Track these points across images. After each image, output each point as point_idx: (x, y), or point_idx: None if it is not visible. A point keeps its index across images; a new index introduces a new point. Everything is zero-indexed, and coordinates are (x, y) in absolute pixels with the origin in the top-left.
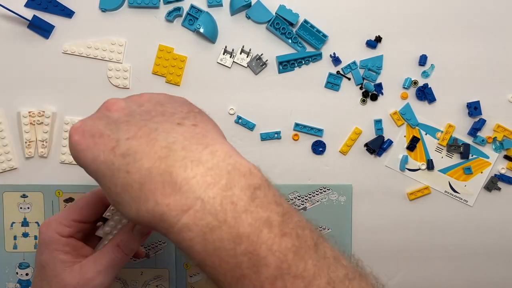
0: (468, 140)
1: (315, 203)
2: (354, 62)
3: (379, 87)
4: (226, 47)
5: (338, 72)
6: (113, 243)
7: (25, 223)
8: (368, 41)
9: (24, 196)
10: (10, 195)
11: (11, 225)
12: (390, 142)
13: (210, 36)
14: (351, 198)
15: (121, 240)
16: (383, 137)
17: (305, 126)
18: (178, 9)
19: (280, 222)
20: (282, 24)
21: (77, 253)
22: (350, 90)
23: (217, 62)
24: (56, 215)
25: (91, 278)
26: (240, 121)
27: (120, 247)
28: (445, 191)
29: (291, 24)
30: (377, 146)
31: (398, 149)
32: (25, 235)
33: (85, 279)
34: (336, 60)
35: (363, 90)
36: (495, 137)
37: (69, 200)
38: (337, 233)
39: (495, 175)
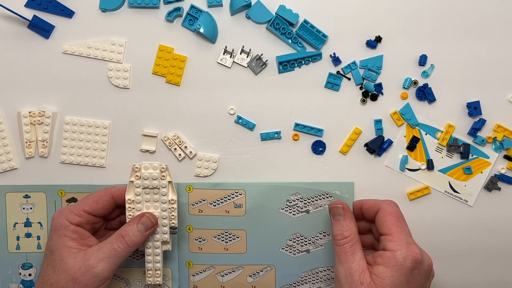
0: (468, 140)
1: (317, 207)
2: (354, 62)
3: (379, 87)
4: (226, 47)
5: (338, 72)
6: (117, 233)
7: (27, 224)
8: (368, 41)
9: (26, 196)
10: (12, 196)
11: (14, 226)
12: (390, 142)
13: (210, 36)
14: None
15: (125, 231)
16: (383, 137)
17: (305, 126)
18: (178, 9)
19: None
20: (282, 24)
21: (83, 242)
22: (350, 90)
23: (217, 62)
24: (69, 205)
25: (92, 265)
26: (240, 121)
27: (123, 238)
28: (445, 191)
29: (291, 24)
30: (377, 146)
31: (398, 149)
32: (28, 235)
33: (87, 266)
34: (336, 60)
35: (363, 90)
36: (495, 137)
37: (72, 199)
38: None
39: (495, 175)
